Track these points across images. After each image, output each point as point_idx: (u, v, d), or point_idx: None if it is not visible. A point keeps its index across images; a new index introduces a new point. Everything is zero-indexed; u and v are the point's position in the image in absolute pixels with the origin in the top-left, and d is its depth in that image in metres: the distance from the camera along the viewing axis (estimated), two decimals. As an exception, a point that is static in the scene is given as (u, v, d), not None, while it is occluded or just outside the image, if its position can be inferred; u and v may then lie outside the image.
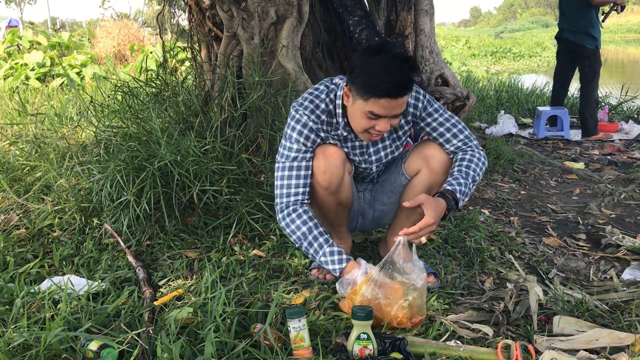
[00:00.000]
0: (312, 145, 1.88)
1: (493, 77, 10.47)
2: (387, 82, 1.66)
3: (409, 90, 1.72)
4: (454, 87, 3.82)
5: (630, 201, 3.18)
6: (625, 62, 17.35)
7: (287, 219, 1.88)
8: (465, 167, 1.88)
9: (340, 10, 3.43)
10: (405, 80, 1.68)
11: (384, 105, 1.70)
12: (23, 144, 3.50)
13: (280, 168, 1.90)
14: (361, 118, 1.77)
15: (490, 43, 23.81)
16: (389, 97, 1.69)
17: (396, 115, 1.77)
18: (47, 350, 1.48)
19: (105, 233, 2.49)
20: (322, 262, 1.86)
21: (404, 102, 1.73)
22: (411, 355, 1.51)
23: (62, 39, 11.95)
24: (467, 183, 1.85)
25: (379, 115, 1.73)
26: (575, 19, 4.92)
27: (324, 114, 1.88)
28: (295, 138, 1.86)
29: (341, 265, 1.82)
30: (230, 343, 1.54)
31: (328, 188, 1.91)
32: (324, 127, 1.89)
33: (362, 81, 1.71)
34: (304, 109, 1.87)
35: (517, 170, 3.84)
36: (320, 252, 1.85)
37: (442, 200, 1.78)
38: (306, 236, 1.86)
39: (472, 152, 1.93)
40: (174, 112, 3.16)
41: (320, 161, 1.87)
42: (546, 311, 1.82)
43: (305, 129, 1.86)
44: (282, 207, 1.90)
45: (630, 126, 5.37)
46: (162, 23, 3.89)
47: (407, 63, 1.70)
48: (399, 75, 1.67)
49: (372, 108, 1.72)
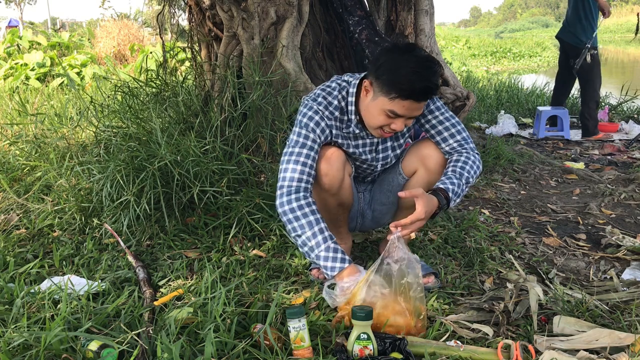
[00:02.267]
0: (324, 140, 1.86)
1: (493, 77, 10.47)
2: (416, 84, 1.66)
3: (433, 95, 1.74)
4: (454, 87, 3.82)
5: (630, 201, 3.18)
6: (625, 62, 17.35)
7: (294, 204, 1.75)
8: (460, 168, 1.87)
9: (340, 10, 3.43)
10: (432, 85, 1.68)
11: (407, 107, 1.71)
12: (23, 144, 3.51)
13: (294, 153, 1.80)
14: (379, 115, 1.76)
15: (490, 43, 23.79)
16: (413, 100, 1.69)
17: (414, 117, 1.78)
18: (47, 350, 1.48)
19: (106, 233, 2.49)
20: (318, 258, 1.74)
21: (423, 105, 1.76)
22: (411, 355, 1.52)
23: (62, 39, 11.95)
24: (460, 184, 1.83)
25: (398, 115, 1.73)
26: (571, 18, 4.96)
27: (337, 111, 1.87)
28: (312, 127, 1.82)
29: (343, 265, 1.73)
30: (230, 343, 1.54)
31: (329, 190, 1.90)
32: (336, 124, 1.88)
33: (389, 79, 1.69)
34: (318, 104, 1.85)
35: (517, 170, 3.84)
36: (322, 245, 1.73)
37: (435, 198, 1.76)
38: (312, 226, 1.74)
39: (468, 154, 1.92)
40: (174, 112, 3.16)
41: (321, 164, 1.85)
42: (546, 311, 1.82)
43: (322, 122, 1.84)
44: (290, 190, 1.77)
45: (630, 126, 5.38)
46: (162, 23, 3.89)
47: (434, 67, 1.70)
48: (427, 79, 1.67)
49: (394, 107, 1.71)
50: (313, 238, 1.74)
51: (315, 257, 1.75)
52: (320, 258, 1.74)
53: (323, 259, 1.74)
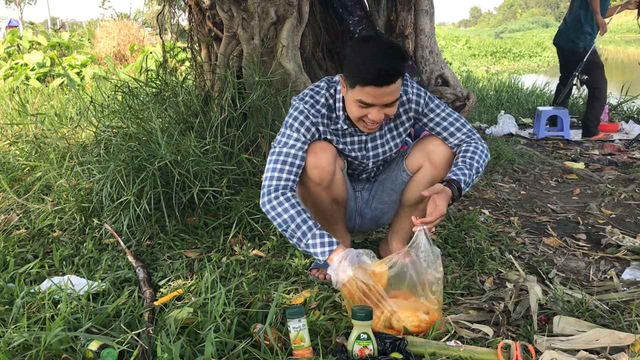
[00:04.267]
0: (310, 138, 1.88)
1: (493, 77, 10.47)
2: (371, 69, 1.67)
3: (395, 78, 1.70)
4: (454, 87, 3.82)
5: (630, 201, 3.18)
6: (625, 62, 17.34)
7: (274, 202, 1.80)
8: (469, 158, 1.90)
9: (340, 10, 3.43)
10: (390, 68, 1.67)
11: (371, 93, 1.70)
12: (23, 144, 3.51)
13: (276, 153, 1.86)
14: (353, 106, 1.78)
15: (490, 43, 23.81)
16: (373, 85, 1.68)
17: (388, 104, 1.75)
18: (47, 350, 1.48)
19: (106, 233, 2.49)
20: (308, 246, 1.76)
21: (392, 90, 1.71)
22: (411, 355, 1.52)
23: (62, 39, 11.96)
24: (470, 174, 1.87)
25: (368, 104, 1.74)
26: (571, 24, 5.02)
27: (324, 108, 1.89)
28: (296, 127, 1.86)
29: (331, 248, 1.72)
30: (230, 343, 1.54)
31: (320, 184, 1.90)
32: (323, 121, 1.90)
33: (350, 70, 1.73)
34: (304, 103, 1.88)
35: (517, 170, 3.84)
36: (308, 234, 1.75)
37: (449, 190, 1.80)
38: (294, 219, 1.76)
39: (476, 144, 1.95)
40: (174, 112, 3.16)
41: (310, 156, 1.87)
42: (546, 311, 1.82)
43: (307, 121, 1.87)
44: (270, 190, 1.83)
45: (630, 126, 5.38)
46: (162, 23, 3.89)
47: (393, 51, 1.70)
48: (384, 63, 1.67)
49: (359, 96, 1.72)
50: (297, 229, 1.77)
51: (305, 246, 1.78)
52: (309, 246, 1.76)
53: (312, 246, 1.76)
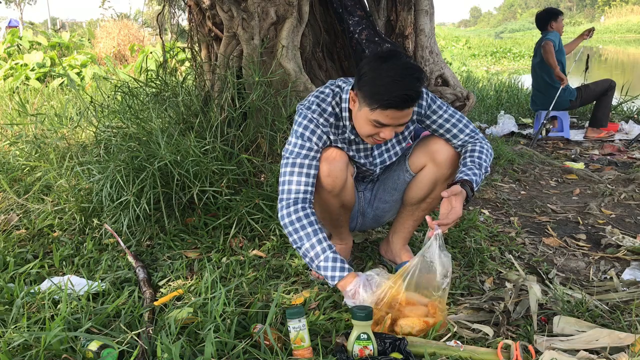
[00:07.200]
0: (322, 146, 1.87)
1: (493, 77, 10.48)
2: (394, 94, 1.65)
3: (416, 102, 1.71)
4: (454, 87, 3.82)
5: (630, 201, 3.18)
6: (625, 62, 17.35)
7: (293, 216, 1.80)
8: (477, 157, 1.90)
9: (340, 10, 3.43)
10: (412, 93, 1.66)
11: (390, 116, 1.70)
12: (23, 144, 3.50)
13: (290, 164, 1.84)
14: (366, 124, 1.77)
15: (490, 43, 23.82)
16: (395, 109, 1.68)
17: (402, 124, 1.76)
18: (47, 350, 1.48)
19: (105, 233, 2.49)
20: (319, 268, 1.78)
21: (410, 112, 1.73)
22: (411, 355, 1.52)
23: (62, 39, 11.96)
24: (480, 174, 1.87)
25: (384, 124, 1.73)
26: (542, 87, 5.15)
27: (331, 117, 1.88)
28: (308, 136, 1.84)
29: (342, 274, 1.75)
30: (230, 343, 1.54)
31: (332, 191, 1.90)
32: (332, 130, 1.89)
33: (369, 90, 1.70)
34: (312, 112, 1.85)
35: (517, 170, 3.84)
36: (322, 256, 1.76)
37: (464, 190, 1.79)
38: (310, 237, 1.77)
39: (481, 143, 1.95)
40: (174, 113, 3.16)
41: (324, 165, 1.86)
42: (546, 311, 1.82)
43: (318, 129, 1.85)
44: (290, 204, 1.82)
45: (630, 126, 5.37)
46: (162, 23, 3.89)
47: (415, 74, 1.68)
48: (407, 87, 1.65)
49: (377, 117, 1.71)
50: (312, 249, 1.78)
51: (316, 267, 1.79)
52: (321, 268, 1.77)
53: (323, 268, 1.77)
